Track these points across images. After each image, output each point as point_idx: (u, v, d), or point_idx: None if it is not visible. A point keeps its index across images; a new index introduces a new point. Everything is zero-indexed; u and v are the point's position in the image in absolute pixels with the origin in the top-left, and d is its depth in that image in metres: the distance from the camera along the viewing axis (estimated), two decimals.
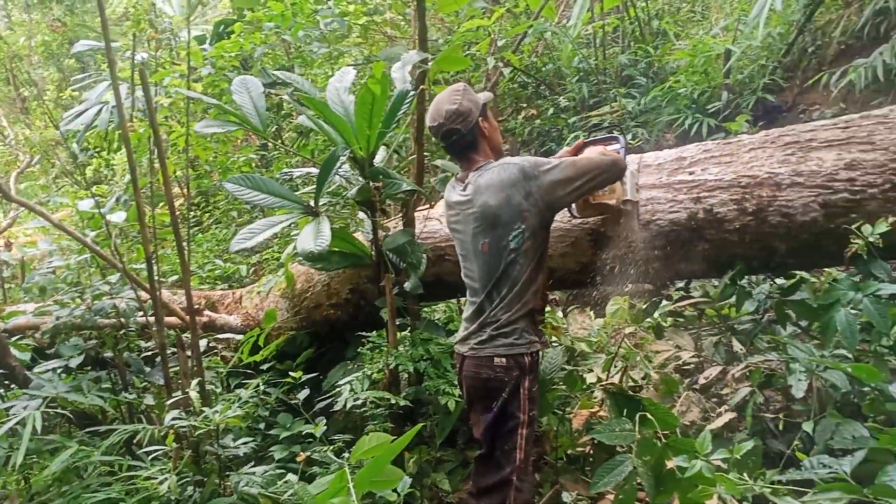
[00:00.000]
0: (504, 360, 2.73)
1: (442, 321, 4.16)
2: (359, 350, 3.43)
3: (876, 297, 2.94)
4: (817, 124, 3.38)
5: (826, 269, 3.91)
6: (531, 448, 2.82)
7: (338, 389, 3.30)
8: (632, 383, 3.79)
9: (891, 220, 2.94)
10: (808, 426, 2.83)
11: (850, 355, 3.30)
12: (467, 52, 7.10)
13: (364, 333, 3.49)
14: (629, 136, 6.25)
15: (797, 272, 3.66)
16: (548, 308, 3.50)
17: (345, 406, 3.12)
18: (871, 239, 2.93)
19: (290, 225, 3.41)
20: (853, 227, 3.00)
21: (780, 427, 3.08)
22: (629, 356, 3.88)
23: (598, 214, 3.30)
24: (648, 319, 3.84)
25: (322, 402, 3.64)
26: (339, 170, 3.92)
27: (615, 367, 3.84)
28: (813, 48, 6.56)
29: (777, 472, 2.33)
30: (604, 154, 2.91)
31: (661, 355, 3.37)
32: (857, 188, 3.08)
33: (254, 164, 8.01)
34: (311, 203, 3.33)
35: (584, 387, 3.81)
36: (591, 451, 3.15)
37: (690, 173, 3.38)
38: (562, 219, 3.60)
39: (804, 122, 3.53)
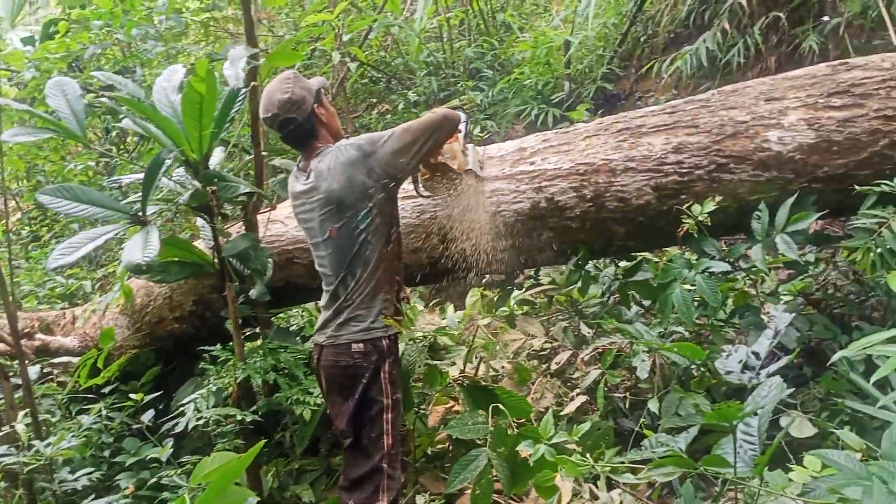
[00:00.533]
0: (362, 345, 2.71)
1: (301, 325, 4.01)
2: (202, 366, 3.24)
3: (707, 273, 3.08)
4: (647, 110, 3.52)
5: (667, 250, 4.09)
6: (398, 433, 2.79)
7: (181, 409, 3.09)
8: (492, 373, 3.81)
9: (717, 199, 3.09)
10: (653, 404, 2.93)
11: (686, 332, 3.47)
12: (312, 48, 6.94)
13: (206, 347, 3.29)
14: (478, 129, 6.31)
15: (638, 254, 3.80)
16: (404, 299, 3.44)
17: (186, 427, 2.93)
18: (700, 218, 3.07)
19: (118, 236, 3.16)
20: (683, 207, 3.13)
21: (628, 406, 3.17)
22: (488, 346, 3.90)
23: (444, 179, 3.25)
24: (502, 309, 3.87)
25: (168, 422, 3.41)
26: (174, 174, 3.71)
27: (474, 359, 3.85)
28: (645, 37, 6.88)
29: (616, 451, 2.39)
30: (433, 112, 2.89)
31: (514, 344, 3.40)
32: (684, 170, 3.23)
33: (92, 173, 7.49)
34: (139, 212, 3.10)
35: (447, 381, 3.79)
36: (451, 448, 3.13)
37: (531, 163, 3.43)
38: (410, 214, 3.56)
39: (637, 109, 3.66)
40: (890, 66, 3.22)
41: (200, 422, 2.91)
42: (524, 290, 3.74)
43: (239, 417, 2.93)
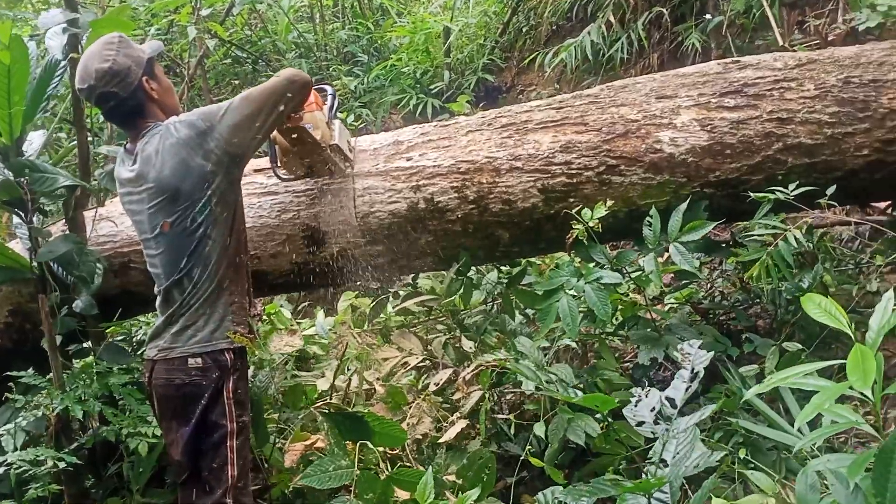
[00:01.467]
0: (199, 360, 2.31)
1: (142, 339, 3.48)
2: (5, 396, 2.68)
3: (597, 283, 2.84)
4: (533, 104, 3.25)
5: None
6: (246, 463, 2.39)
7: None
8: (366, 386, 3.44)
9: (609, 203, 2.85)
10: (538, 428, 2.66)
11: (573, 343, 3.24)
12: (169, 21, 6.29)
13: (13, 374, 2.73)
14: (352, 118, 5.89)
15: (523, 259, 3.54)
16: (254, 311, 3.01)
17: None
18: (590, 224, 2.82)
19: None
20: (573, 212, 2.88)
21: (513, 429, 2.90)
22: (361, 357, 3.53)
23: (306, 157, 2.88)
24: (377, 320, 3.51)
25: None
26: None
27: (346, 371, 3.48)
28: (527, 28, 6.67)
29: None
30: (277, 74, 2.50)
31: (389, 363, 3.05)
32: (573, 171, 2.98)
33: None
34: None
35: (315, 396, 3.40)
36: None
37: (408, 159, 3.07)
38: (269, 214, 3.13)
39: (522, 103, 3.39)
40: (782, 66, 3.09)
41: (1, 470, 2.37)
42: (401, 299, 3.40)
43: (50, 463, 2.41)
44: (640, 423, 1.75)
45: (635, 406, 1.79)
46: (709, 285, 3.70)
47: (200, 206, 2.30)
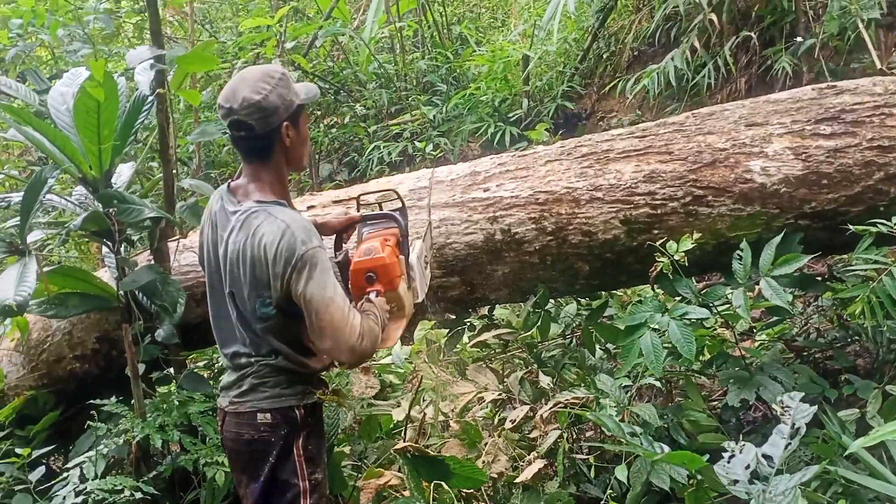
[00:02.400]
0: (268, 415, 2.20)
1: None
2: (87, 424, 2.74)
3: (683, 320, 2.70)
4: (614, 133, 3.16)
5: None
6: None
7: (66, 475, 2.59)
8: (442, 418, 3.37)
9: (696, 235, 2.72)
10: (620, 472, 2.53)
11: (655, 381, 3.09)
12: (255, 55, 6.48)
13: (97, 402, 2.79)
14: (431, 147, 5.90)
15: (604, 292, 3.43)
16: None
17: (63, 501, 2.42)
18: (675, 257, 2.70)
19: None
20: (657, 244, 2.76)
21: (592, 472, 2.77)
22: (437, 389, 3.47)
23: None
24: (453, 352, 3.44)
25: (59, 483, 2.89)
26: (74, 194, 3.23)
27: (422, 401, 3.42)
28: (608, 54, 6.57)
29: None
30: (367, 314, 2.17)
31: (464, 399, 2.98)
32: (657, 202, 2.87)
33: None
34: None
35: (391, 426, 3.35)
36: None
37: (485, 190, 3.03)
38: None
39: (602, 131, 3.30)
40: (882, 90, 2.91)
41: (79, 499, 2.40)
42: (476, 332, 3.33)
43: (128, 493, 2.43)
44: (734, 483, 1.61)
45: (728, 463, 1.65)
46: (803, 321, 3.49)
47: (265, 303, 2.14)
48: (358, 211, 2.75)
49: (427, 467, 2.47)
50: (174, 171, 2.93)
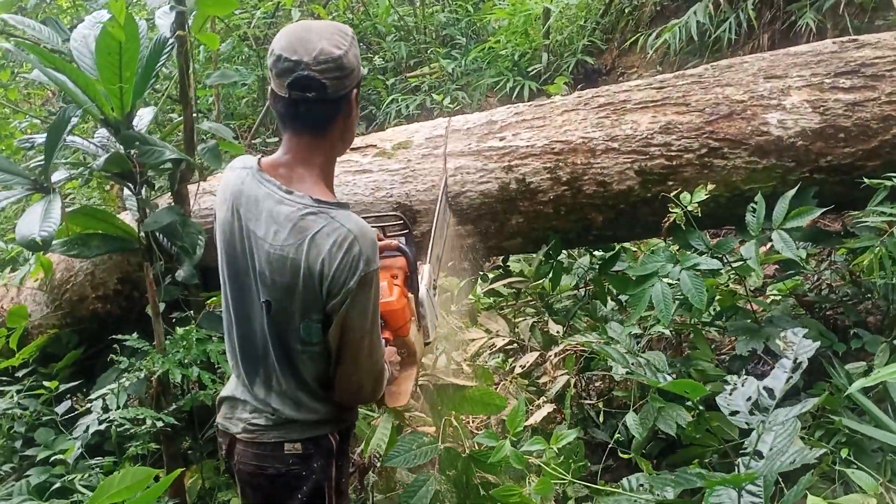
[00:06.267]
0: (298, 445, 1.82)
1: None
2: (111, 357, 2.82)
3: (694, 270, 2.73)
4: (632, 84, 3.16)
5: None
6: None
7: (89, 406, 2.69)
8: (453, 366, 3.44)
9: (710, 187, 2.74)
10: (629, 418, 2.58)
11: (666, 331, 3.13)
12: (274, 4, 6.45)
13: (119, 336, 2.88)
14: (448, 100, 5.88)
15: (616, 244, 3.45)
16: None
17: (87, 430, 2.52)
18: (689, 208, 2.72)
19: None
20: (671, 195, 2.77)
21: (601, 416, 2.83)
22: (450, 337, 3.53)
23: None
24: (465, 301, 3.49)
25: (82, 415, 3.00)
26: (97, 136, 3.27)
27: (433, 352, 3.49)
28: (630, 8, 6.48)
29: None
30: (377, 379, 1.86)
31: (475, 343, 3.04)
32: (673, 153, 2.88)
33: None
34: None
35: None
36: None
37: (501, 139, 3.04)
38: (363, 191, 3.17)
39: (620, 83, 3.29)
40: None
41: (103, 426, 2.50)
42: (490, 280, 3.37)
43: (149, 423, 2.52)
44: (734, 413, 1.65)
45: (730, 395, 1.69)
46: (816, 277, 3.50)
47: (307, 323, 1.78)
48: None
49: (446, 396, 2.46)
50: (194, 115, 2.96)
